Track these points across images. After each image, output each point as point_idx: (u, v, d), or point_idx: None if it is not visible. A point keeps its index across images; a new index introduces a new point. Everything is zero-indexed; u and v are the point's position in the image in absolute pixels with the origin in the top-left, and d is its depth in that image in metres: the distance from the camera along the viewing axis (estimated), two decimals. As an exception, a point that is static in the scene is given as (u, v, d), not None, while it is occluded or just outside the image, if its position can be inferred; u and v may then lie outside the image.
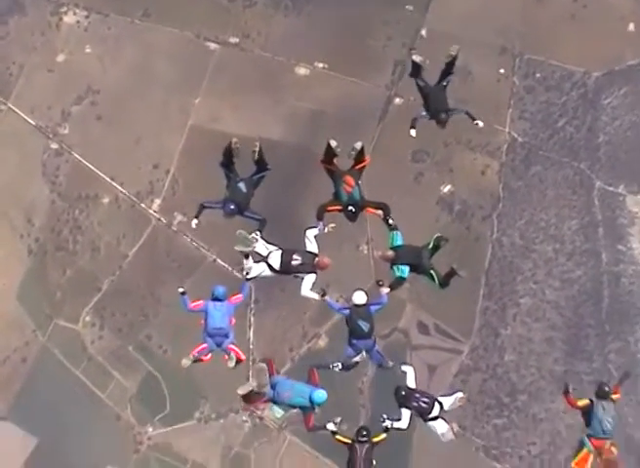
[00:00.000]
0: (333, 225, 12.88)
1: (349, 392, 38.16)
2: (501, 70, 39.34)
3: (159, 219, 38.68)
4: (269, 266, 12.59)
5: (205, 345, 12.44)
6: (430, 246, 12.90)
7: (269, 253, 12.67)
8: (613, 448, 12.18)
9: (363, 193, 12.89)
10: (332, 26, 39.46)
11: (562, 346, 38.31)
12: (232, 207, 12.61)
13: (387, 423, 12.47)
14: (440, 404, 12.71)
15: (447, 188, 38.05)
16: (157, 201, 38.72)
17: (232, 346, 12.48)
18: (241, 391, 11.96)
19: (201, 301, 12.29)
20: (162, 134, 39.05)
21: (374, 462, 12.05)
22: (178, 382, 37.82)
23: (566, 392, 13.13)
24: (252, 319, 37.52)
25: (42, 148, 39.78)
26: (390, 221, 13.00)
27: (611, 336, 38.49)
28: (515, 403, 38.21)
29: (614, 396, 12.73)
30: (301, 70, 39.31)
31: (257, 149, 12.69)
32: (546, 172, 38.79)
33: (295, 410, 12.74)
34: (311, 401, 12.00)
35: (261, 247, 12.72)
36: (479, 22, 39.27)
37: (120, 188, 38.77)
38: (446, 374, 38.00)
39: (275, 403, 12.31)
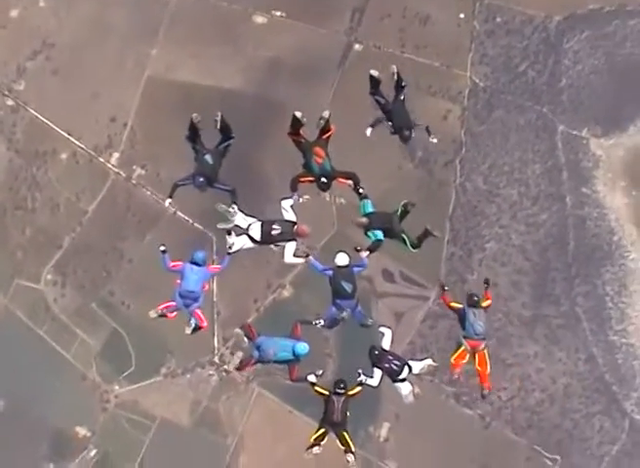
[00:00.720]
0: (307, 197, 13.04)
1: (316, 341, 37.75)
2: (461, 15, 38.94)
3: (118, 173, 38.05)
4: (250, 238, 12.74)
5: (174, 303, 12.36)
6: (399, 211, 13.14)
7: (249, 224, 12.77)
8: (485, 352, 13.46)
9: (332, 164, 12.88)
10: (289, -26, 38.85)
11: (529, 290, 38.17)
12: (201, 180, 12.61)
13: (362, 377, 12.87)
14: (409, 367, 13.29)
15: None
16: (116, 154, 38.08)
17: (198, 311, 12.53)
18: (232, 366, 11.68)
19: (180, 262, 12.34)
20: (119, 86, 38.35)
21: (348, 413, 12.43)
22: (142, 338, 37.32)
23: (442, 290, 13.79)
24: (215, 272, 36.95)
25: (-2, 105, 38.85)
26: (360, 190, 13.19)
27: (578, 280, 38.40)
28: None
29: (484, 303, 13.54)
30: (259, 19, 38.71)
31: (218, 119, 12.74)
32: (509, 116, 38.49)
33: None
34: (295, 353, 12.23)
35: (241, 219, 12.83)
36: (438, -33, 38.76)
37: (77, 143, 38.07)
38: (413, 321, 37.77)
39: (262, 362, 12.56)
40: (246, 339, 12.96)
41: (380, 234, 13.03)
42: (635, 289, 38.53)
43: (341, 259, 12.91)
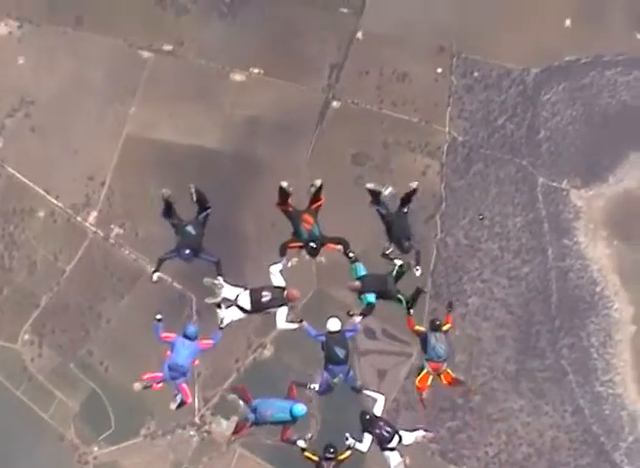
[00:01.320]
0: (295, 260, 13.77)
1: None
2: (439, 70, 39.11)
3: (96, 232, 37.78)
4: (240, 308, 12.40)
5: (161, 374, 12.12)
6: (394, 273, 13.12)
7: (237, 295, 12.40)
8: (449, 371, 13.03)
9: (322, 230, 12.80)
10: (267, 31, 39.04)
11: (513, 344, 37.91)
12: (187, 252, 11.99)
13: (350, 441, 12.59)
14: (400, 437, 12.81)
15: (388, 191, 37.17)
16: (94, 213, 37.84)
17: (184, 386, 12.24)
18: (228, 431, 11.57)
19: (173, 334, 12.05)
20: (97, 144, 38.23)
21: None
22: (121, 399, 36.69)
23: (408, 313, 13.30)
24: (195, 330, 36.52)
25: (-25, 164, 38.62)
26: (351, 255, 12.97)
27: (562, 332, 38.19)
28: (469, 404, 37.66)
29: (445, 327, 13.17)
30: (237, 76, 38.79)
31: (193, 191, 12.28)
32: (488, 169, 38.54)
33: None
34: (292, 414, 12.05)
35: (228, 291, 12.43)
36: (415, 23, 39.03)
37: (55, 202, 37.84)
38: (396, 378, 37.35)
39: (258, 424, 12.28)
40: (241, 403, 12.47)
41: (372, 297, 12.91)
42: (620, 338, 38.34)
43: (333, 325, 12.71)
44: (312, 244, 12.59)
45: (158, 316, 12.22)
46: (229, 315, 12.45)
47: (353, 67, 38.52)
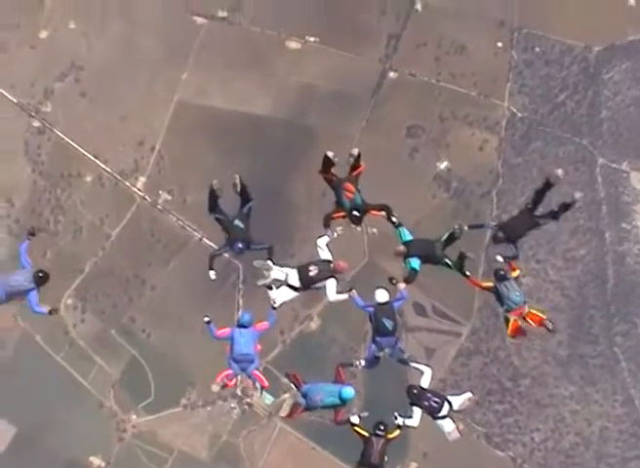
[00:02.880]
0: (341, 228, 12.87)
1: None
2: (499, 44, 37.99)
3: (144, 198, 37.20)
4: (291, 287, 12.53)
5: (230, 371, 12.15)
6: (445, 237, 12.83)
7: (286, 274, 12.51)
8: (532, 311, 12.88)
9: (364, 197, 12.79)
10: (324, -1, 38.20)
11: (566, 329, 36.70)
12: (240, 245, 12.22)
13: (400, 420, 12.54)
14: (449, 403, 12.75)
15: (443, 165, 36.58)
16: (142, 179, 37.25)
17: (256, 372, 12.33)
18: (283, 413, 12.61)
19: (227, 328, 12.16)
20: (148, 110, 37.64)
21: (386, 457, 12.32)
22: (163, 368, 36.19)
23: (466, 275, 12.90)
24: (240, 300, 35.85)
25: (24, 127, 38.23)
26: (394, 219, 12.88)
27: (617, 318, 36.89)
28: (518, 388, 36.53)
29: (514, 274, 12.96)
30: (292, 44, 37.99)
31: (237, 182, 12.27)
32: (547, 147, 37.34)
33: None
34: (341, 398, 12.09)
35: (277, 272, 12.54)
36: (475, -5, 37.96)
37: (104, 166, 37.30)
38: (445, 358, 36.35)
39: (309, 409, 12.36)
40: (293, 387, 12.65)
41: (416, 263, 12.68)
42: (676, 328, 36.96)
43: (382, 296, 12.54)
44: (355, 212, 12.57)
45: (206, 318, 12.23)
46: (281, 295, 12.53)
47: (411, 38, 37.58)
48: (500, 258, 13.03)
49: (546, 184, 13.01)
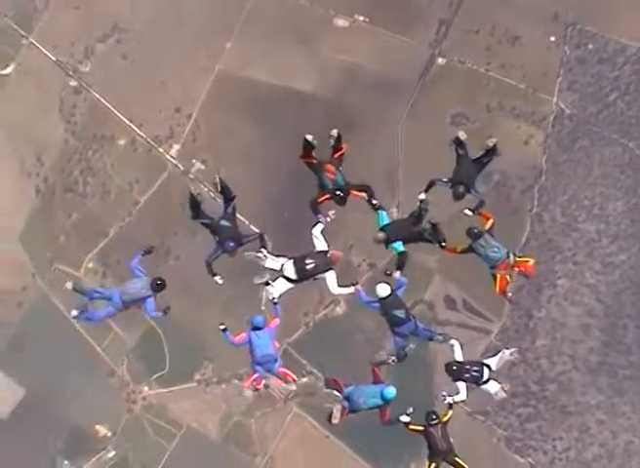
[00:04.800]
0: (333, 212, 12.76)
1: (365, 366, 35.20)
2: (552, 38, 36.86)
3: (176, 166, 36.34)
4: (287, 278, 12.44)
5: (256, 374, 12.31)
6: (415, 212, 12.91)
7: (282, 265, 12.42)
8: (518, 259, 12.68)
9: (345, 178, 13.00)
10: (376, -21, 37.30)
11: (599, 335, 35.36)
12: (231, 244, 12.24)
13: (449, 399, 12.78)
14: (488, 367, 13.02)
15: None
16: (176, 146, 36.44)
17: (282, 370, 12.38)
18: (335, 420, 12.29)
19: (243, 334, 12.29)
20: (188, 77, 36.89)
21: (451, 439, 12.43)
22: (180, 340, 35.21)
23: (441, 245, 12.81)
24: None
25: (61, 85, 37.71)
26: (374, 202, 13.01)
27: (651, 330, 35.54)
28: (544, 392, 35.20)
29: (487, 224, 12.84)
30: (340, 21, 37.10)
31: (217, 181, 12.35)
32: (594, 147, 36.15)
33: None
34: (383, 398, 12.12)
35: (272, 262, 12.53)
36: (532, -14, 36.91)
37: (138, 131, 36.54)
38: (472, 355, 34.64)
39: (354, 411, 12.36)
40: (336, 393, 12.66)
41: (400, 246, 12.72)
42: None
43: (383, 290, 12.46)
44: (338, 192, 12.66)
45: (222, 326, 12.35)
46: (278, 287, 12.39)
47: (463, 25, 36.54)
48: (468, 212, 12.91)
49: (489, 150, 13.46)
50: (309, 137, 12.84)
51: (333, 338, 34.51)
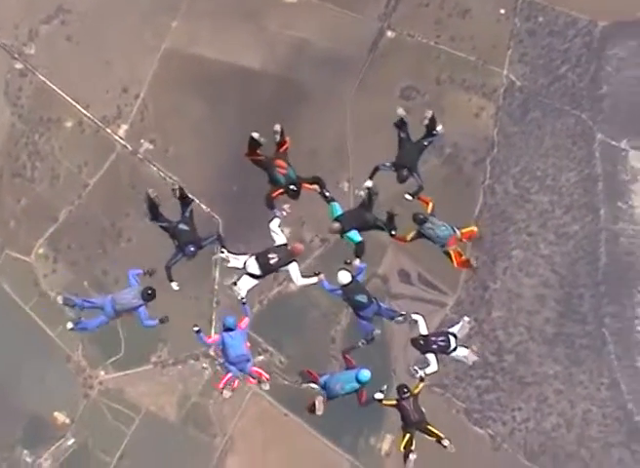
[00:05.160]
0: (288, 206, 12.98)
1: (321, 342, 35.22)
2: (502, 11, 36.80)
3: (124, 146, 35.78)
4: (251, 275, 12.64)
5: (230, 374, 12.45)
6: (365, 201, 13.10)
7: (244, 262, 12.60)
8: (461, 231, 13.02)
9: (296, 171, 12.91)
10: (322, -47, 36.89)
11: (554, 306, 35.50)
12: (192, 248, 12.49)
13: (420, 373, 13.12)
14: (454, 335, 13.45)
15: (437, 129, 35.11)
16: (124, 127, 35.89)
17: (255, 369, 12.59)
18: (319, 412, 12.38)
19: (216, 335, 12.55)
20: (134, 57, 36.34)
21: (423, 409, 12.82)
22: (134, 323, 34.53)
23: (392, 234, 13.13)
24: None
25: (6, 68, 36.91)
26: (327, 194, 13.09)
27: (607, 299, 35.71)
28: (501, 363, 35.31)
29: (428, 208, 13.05)
30: (288, -3, 36.66)
31: (175, 188, 12.92)
32: (545, 119, 36.17)
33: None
34: (359, 381, 12.45)
35: (234, 261, 12.77)
36: (480, -41, 36.73)
37: (85, 112, 35.93)
38: (429, 327, 34.94)
39: (331, 398, 12.61)
40: (312, 385, 12.91)
41: (356, 235, 12.91)
42: (669, 313, 35.83)
43: (345, 277, 12.77)
44: (292, 187, 12.67)
45: (196, 327, 12.62)
46: (244, 285, 12.57)
47: (412, -2, 36.26)
48: (408, 197, 13.10)
49: (429, 122, 13.58)
50: (255, 135, 12.73)
51: (288, 315, 34.32)
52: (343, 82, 35.57)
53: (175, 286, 13.00)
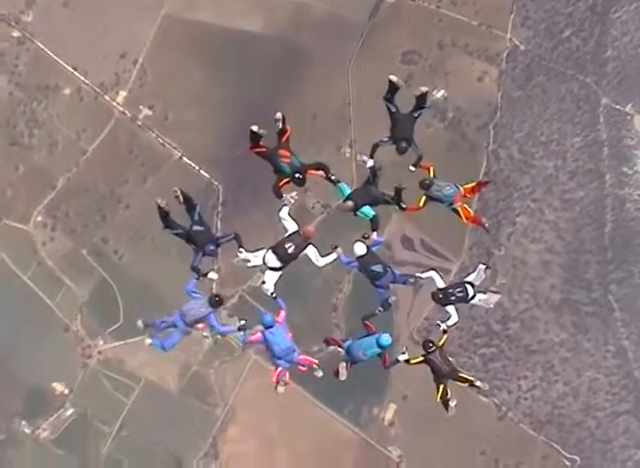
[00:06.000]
0: (295, 193, 12.79)
1: (323, 310, 34.74)
2: (505, -27, 36.15)
3: (123, 113, 35.32)
4: (273, 269, 12.61)
5: (279, 369, 12.47)
6: (370, 178, 13.11)
7: (263, 258, 12.54)
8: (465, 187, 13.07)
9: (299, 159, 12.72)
10: None
11: (560, 272, 34.97)
12: (211, 247, 12.22)
13: (443, 326, 13.19)
14: (471, 284, 13.46)
15: (440, 93, 34.78)
16: (122, 93, 35.42)
17: (301, 357, 12.53)
18: (342, 377, 12.36)
19: (258, 333, 12.35)
20: (133, 22, 35.84)
21: (451, 359, 12.90)
22: (134, 291, 34.34)
23: (402, 207, 13.12)
24: (219, 224, 34.01)
25: (4, 36, 36.43)
26: (333, 177, 12.98)
27: (613, 265, 35.18)
28: (506, 331, 34.80)
29: (430, 173, 13.06)
30: (289, -39, 36.11)
31: (178, 194, 12.21)
32: (549, 83, 35.62)
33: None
34: (380, 346, 12.53)
35: (254, 259, 12.62)
36: None
37: (83, 78, 35.49)
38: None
39: (355, 362, 12.71)
40: (338, 348, 12.96)
41: (369, 210, 12.95)
42: (675, 280, 35.29)
43: (360, 249, 12.72)
44: (297, 175, 12.66)
45: (242, 321, 12.40)
46: (269, 280, 12.61)
47: (414, -39, 35.69)
48: (412, 168, 13.14)
49: (420, 97, 13.04)
50: (255, 128, 12.33)
51: (289, 283, 33.62)
52: (345, 46, 35.09)
53: (212, 274, 12.69)
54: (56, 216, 35.02)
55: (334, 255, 12.80)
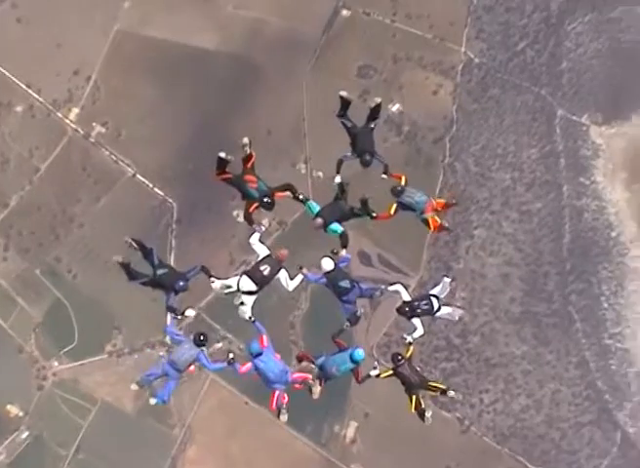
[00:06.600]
0: (266, 220, 12.80)
1: (281, 328, 34.30)
2: (458, -13, 36.29)
3: (76, 130, 34.88)
4: (249, 292, 12.49)
5: (277, 392, 12.27)
6: (338, 194, 13.11)
7: (237, 282, 12.38)
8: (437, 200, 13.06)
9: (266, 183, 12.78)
10: None
11: (519, 284, 34.90)
12: (181, 284, 12.14)
13: (409, 338, 13.25)
14: (436, 297, 13.54)
15: (395, 107, 34.76)
16: (75, 110, 35.03)
17: (296, 375, 12.44)
18: (315, 396, 12.35)
19: (248, 364, 12.14)
20: (86, 39, 35.51)
21: (418, 368, 12.85)
22: (88, 312, 33.80)
23: (372, 216, 13.18)
24: (173, 241, 33.58)
25: (-48, 54, 35.80)
26: (301, 196, 13.09)
27: (572, 276, 35.19)
28: (466, 345, 34.60)
29: (402, 182, 13.09)
30: (242, -23, 36.03)
31: (131, 242, 12.14)
32: (505, 95, 35.74)
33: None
34: (354, 361, 12.48)
35: (229, 282, 12.49)
36: None
37: (35, 95, 35.06)
38: (390, 311, 33.75)
39: (328, 379, 12.63)
40: (311, 365, 12.82)
41: (338, 227, 13.00)
42: (633, 289, 35.38)
43: (327, 264, 12.80)
44: (266, 199, 12.69)
45: (230, 355, 12.08)
46: (247, 303, 12.53)
47: (368, -24, 35.76)
48: (384, 176, 13.18)
49: (374, 109, 13.06)
50: (222, 154, 12.23)
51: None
52: (299, 62, 35.01)
53: (190, 311, 12.55)
54: (8, 235, 34.48)
55: (300, 276, 12.80)
